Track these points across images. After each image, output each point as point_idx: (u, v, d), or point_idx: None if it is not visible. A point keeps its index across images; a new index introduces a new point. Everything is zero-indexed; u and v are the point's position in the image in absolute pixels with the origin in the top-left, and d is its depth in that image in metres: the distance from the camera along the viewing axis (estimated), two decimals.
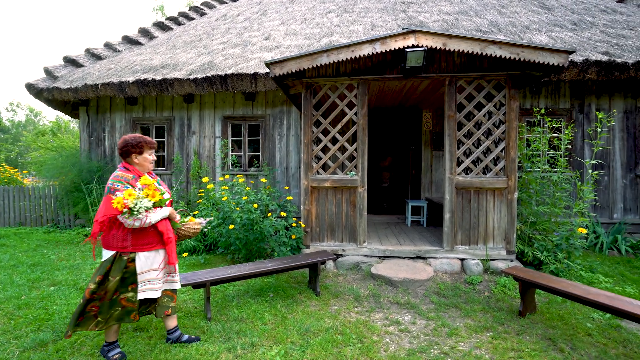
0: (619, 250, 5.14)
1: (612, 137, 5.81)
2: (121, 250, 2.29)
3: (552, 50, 3.69)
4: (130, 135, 2.42)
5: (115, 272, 2.27)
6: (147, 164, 2.46)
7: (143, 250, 2.32)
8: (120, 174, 2.32)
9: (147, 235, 2.33)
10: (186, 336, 2.68)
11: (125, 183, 2.28)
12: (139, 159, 2.42)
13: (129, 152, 2.38)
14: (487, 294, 3.61)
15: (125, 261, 2.29)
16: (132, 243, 2.30)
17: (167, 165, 6.84)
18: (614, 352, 2.56)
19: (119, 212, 2.14)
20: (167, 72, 6.39)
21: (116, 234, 2.28)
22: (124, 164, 2.42)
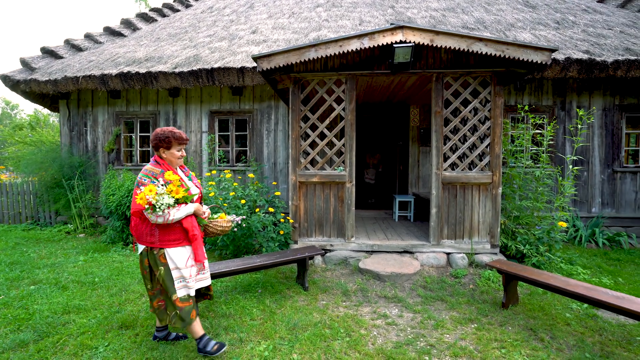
0: (597, 243, 5.34)
1: (592, 133, 5.99)
2: (150, 245, 2.27)
3: (536, 48, 3.76)
4: (162, 129, 2.36)
5: (154, 267, 2.29)
6: (175, 159, 2.38)
7: (170, 246, 2.27)
8: (149, 167, 2.30)
9: (173, 231, 2.28)
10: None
11: (152, 177, 2.24)
12: (166, 153, 2.36)
13: (158, 146, 2.34)
14: (472, 287, 3.70)
15: (156, 256, 2.27)
16: (160, 239, 2.26)
17: None
18: (590, 340, 2.67)
19: (142, 207, 2.12)
20: (152, 65, 6.22)
21: (145, 228, 2.27)
22: (156, 157, 2.38)
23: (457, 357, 2.45)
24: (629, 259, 4.76)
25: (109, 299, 3.40)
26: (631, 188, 5.96)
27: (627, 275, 4.12)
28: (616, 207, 5.97)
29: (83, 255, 4.82)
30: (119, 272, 4.15)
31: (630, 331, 2.79)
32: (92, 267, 4.33)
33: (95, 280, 3.87)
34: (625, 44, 5.71)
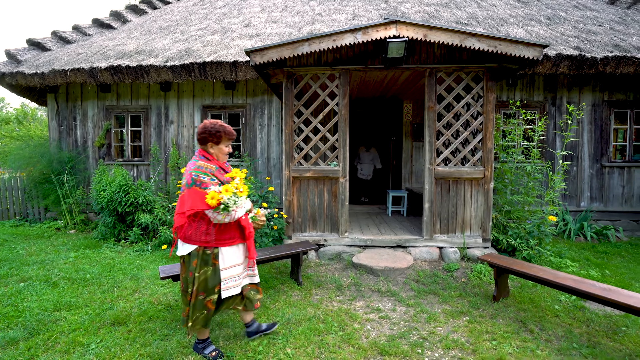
0: (585, 236, 5.45)
1: (581, 129, 6.08)
2: (204, 245, 2.16)
3: (528, 43, 3.79)
4: (211, 122, 2.24)
5: (200, 268, 2.17)
6: (222, 155, 2.28)
7: (225, 245, 2.20)
8: (202, 164, 2.16)
9: (229, 229, 2.21)
10: (265, 325, 2.60)
11: (211, 175, 2.13)
12: (214, 149, 2.25)
13: (206, 139, 2.22)
14: (464, 281, 3.75)
15: (209, 256, 2.18)
16: (216, 238, 2.17)
17: (144, 155, 6.61)
18: (578, 331, 2.73)
19: (211, 207, 2.02)
20: (143, 58, 6.11)
21: (198, 227, 2.15)
22: (203, 152, 2.26)
23: (449, 349, 2.49)
24: (615, 251, 4.87)
25: (100, 295, 3.36)
26: (619, 182, 6.08)
27: (614, 267, 4.22)
28: (604, 202, 6.09)
29: (74, 252, 4.76)
30: (111, 268, 4.11)
31: (616, 322, 2.87)
32: (83, 264, 4.27)
33: (87, 276, 3.82)
34: (615, 41, 5.79)
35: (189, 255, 2.19)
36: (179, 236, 2.21)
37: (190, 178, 2.09)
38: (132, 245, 5.08)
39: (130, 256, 4.60)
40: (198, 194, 2.05)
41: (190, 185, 2.08)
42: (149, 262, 4.37)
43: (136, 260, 4.42)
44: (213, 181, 2.11)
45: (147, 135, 6.59)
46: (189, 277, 2.20)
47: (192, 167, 2.14)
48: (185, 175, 2.16)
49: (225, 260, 2.22)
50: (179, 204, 2.13)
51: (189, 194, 2.08)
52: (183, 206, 2.09)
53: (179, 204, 2.13)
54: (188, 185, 2.09)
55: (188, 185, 2.09)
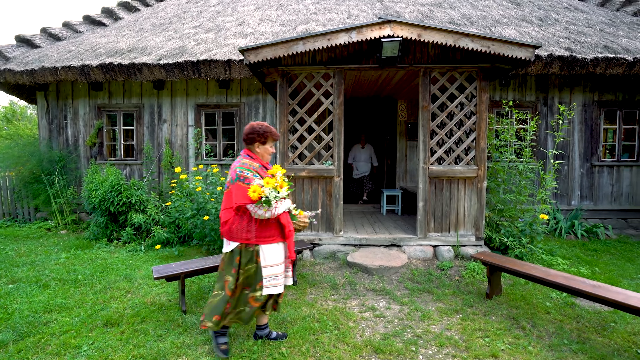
0: (576, 234, 5.54)
1: (572, 129, 6.18)
2: (245, 242, 2.23)
3: (520, 44, 3.83)
4: (258, 123, 2.34)
5: (244, 265, 2.23)
6: (267, 154, 2.38)
7: (266, 242, 2.25)
8: (247, 161, 2.26)
9: (269, 227, 2.26)
10: (274, 333, 2.58)
11: (254, 172, 2.21)
12: (260, 148, 2.35)
13: (254, 140, 2.32)
14: (458, 279, 3.78)
15: (251, 253, 2.23)
16: (256, 235, 2.23)
17: (137, 154, 6.54)
18: (568, 327, 2.78)
19: (252, 201, 2.08)
20: (135, 56, 6.04)
21: (240, 224, 2.22)
22: (248, 151, 2.36)
23: (442, 346, 2.51)
24: (605, 249, 4.96)
25: (93, 296, 3.32)
26: (608, 181, 6.19)
27: (603, 264, 4.30)
28: (594, 200, 6.19)
29: (65, 252, 4.69)
30: (103, 269, 4.06)
31: (605, 318, 2.92)
32: (74, 265, 4.22)
33: (78, 277, 3.77)
34: (604, 42, 5.88)
35: (232, 252, 2.26)
36: (223, 233, 2.29)
37: (234, 174, 2.19)
38: (124, 246, 5.03)
39: (123, 256, 4.56)
40: (241, 188, 2.13)
41: (234, 181, 2.17)
42: (142, 262, 4.33)
43: (129, 261, 4.37)
44: (255, 177, 2.18)
45: (139, 134, 6.51)
46: (232, 272, 2.25)
47: (237, 165, 2.24)
48: (230, 172, 2.26)
49: (267, 258, 2.26)
50: (224, 201, 2.27)
51: (233, 190, 2.18)
52: (227, 202, 2.22)
53: (224, 201, 2.27)
54: (232, 181, 2.19)
55: (232, 181, 2.19)
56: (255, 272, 2.25)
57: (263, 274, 2.25)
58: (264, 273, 2.25)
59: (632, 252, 4.82)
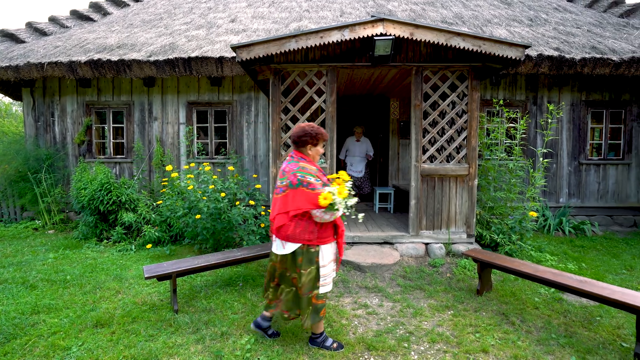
0: (564, 231, 5.65)
1: (561, 127, 6.29)
2: (307, 243, 2.25)
3: (511, 44, 3.88)
4: (308, 125, 2.36)
5: (306, 266, 2.25)
6: (317, 156, 2.42)
7: (324, 243, 2.30)
8: (305, 165, 2.28)
9: (327, 228, 2.31)
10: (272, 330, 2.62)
11: (316, 176, 2.25)
12: (312, 150, 2.37)
13: (306, 142, 2.33)
14: (449, 275, 3.83)
15: (313, 254, 2.26)
16: (318, 236, 2.26)
17: (127, 152, 6.44)
18: (556, 321, 2.84)
19: (321, 207, 2.12)
20: (125, 52, 5.94)
21: (304, 226, 2.23)
22: (300, 154, 2.37)
23: (434, 342, 2.54)
24: (591, 245, 5.07)
25: (82, 297, 3.27)
26: (595, 179, 6.32)
27: (590, 260, 4.40)
28: (581, 198, 6.32)
29: (53, 253, 4.60)
30: (93, 269, 4.00)
31: (591, 312, 2.99)
32: (63, 265, 4.14)
33: (67, 278, 3.71)
34: (592, 43, 5.99)
35: (294, 254, 2.27)
36: (280, 236, 2.29)
37: (296, 179, 2.20)
38: (115, 245, 4.96)
39: (113, 256, 4.49)
40: (305, 194, 2.16)
41: (296, 186, 2.19)
42: (133, 261, 4.28)
43: (119, 260, 4.31)
44: (318, 182, 2.21)
45: (129, 132, 6.41)
46: (294, 273, 2.29)
47: (294, 168, 2.24)
48: (287, 175, 2.25)
49: (324, 258, 2.32)
50: (282, 204, 2.24)
51: (294, 194, 2.19)
52: (287, 206, 2.21)
53: (282, 204, 2.24)
54: (293, 186, 2.20)
55: (293, 186, 2.20)
56: (316, 273, 2.29)
57: (320, 273, 2.30)
58: (321, 272, 2.30)
59: (617, 248, 4.94)
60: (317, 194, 2.15)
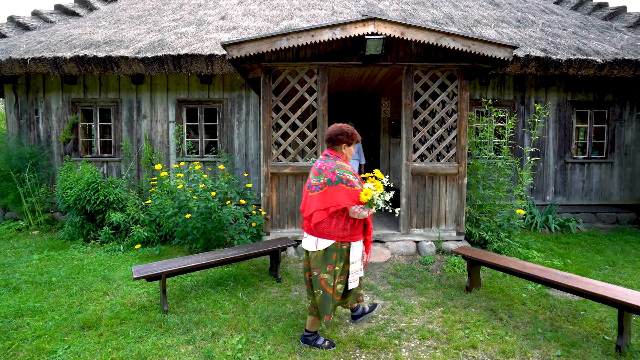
0: (550, 228, 5.78)
1: (547, 127, 6.42)
2: (340, 240, 2.32)
3: (499, 44, 3.94)
4: (345, 125, 2.45)
5: (337, 262, 2.33)
6: (350, 155, 2.50)
7: (355, 240, 2.37)
8: (342, 163, 2.34)
9: (359, 226, 2.39)
10: (367, 307, 2.80)
11: (353, 174, 2.32)
12: (346, 150, 2.45)
13: (342, 141, 2.40)
14: (439, 273, 3.88)
15: (345, 251, 2.34)
16: (350, 233, 2.33)
17: (115, 151, 6.32)
18: (542, 316, 2.90)
19: (361, 203, 2.20)
20: (112, 49, 5.81)
21: (337, 224, 2.29)
22: (334, 152, 2.43)
23: (425, 339, 2.57)
24: (576, 242, 5.20)
25: (68, 299, 3.20)
26: (579, 178, 6.48)
27: (575, 256, 4.51)
28: (567, 195, 6.47)
29: (37, 254, 4.49)
30: (80, 270, 3.92)
31: (575, 307, 3.07)
32: (48, 266, 4.04)
33: (52, 280, 3.62)
34: (577, 44, 6.13)
35: (327, 250, 2.32)
36: (315, 232, 2.33)
37: (335, 176, 2.25)
38: (102, 246, 4.86)
39: (100, 257, 4.41)
40: (345, 191, 2.23)
41: (336, 183, 2.25)
42: (121, 262, 4.21)
43: (107, 261, 4.24)
44: (355, 179, 2.30)
45: (117, 130, 6.29)
46: (328, 270, 2.33)
47: (332, 166, 2.31)
48: (324, 173, 2.30)
49: (354, 254, 2.38)
50: (320, 201, 2.27)
51: (333, 191, 2.24)
52: (326, 203, 2.26)
53: (320, 201, 2.27)
54: (333, 183, 2.25)
55: (333, 183, 2.25)
56: (345, 269, 2.38)
57: (350, 268, 2.38)
58: (350, 268, 2.38)
59: (601, 245, 5.08)
60: (357, 190, 2.23)
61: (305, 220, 2.42)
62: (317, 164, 2.39)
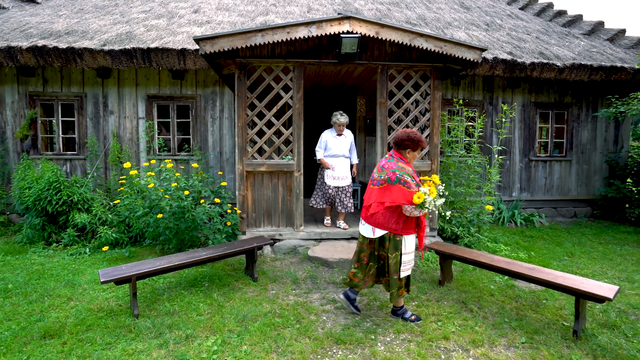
0: (516, 223, 6.10)
1: (513, 127, 6.75)
2: (394, 232, 2.60)
3: (469, 46, 4.09)
4: (413, 132, 2.65)
5: (392, 251, 2.62)
6: (413, 160, 2.73)
7: (407, 234, 2.64)
8: (403, 165, 2.60)
9: (411, 222, 2.64)
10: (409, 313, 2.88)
11: (411, 177, 2.57)
12: (410, 154, 2.68)
13: (407, 146, 2.64)
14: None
15: (398, 242, 2.61)
16: (402, 227, 2.61)
17: (80, 149, 5.97)
18: (509, 306, 3.06)
19: (414, 204, 2.44)
20: (75, 40, 5.48)
21: (391, 217, 2.59)
22: (399, 154, 2.68)
23: (399, 333, 2.64)
24: (539, 235, 5.52)
25: (27, 306, 3.00)
26: (542, 175, 6.88)
27: (538, 249, 4.79)
28: (531, 191, 6.85)
29: None
30: (40, 275, 3.68)
31: (538, 296, 3.26)
32: (3, 272, 3.76)
33: (9, 287, 3.37)
34: (540, 49, 6.48)
35: (382, 238, 2.67)
36: (371, 221, 2.66)
37: (395, 176, 2.54)
38: (66, 249, 4.58)
39: (64, 260, 4.16)
40: (401, 191, 2.50)
41: (394, 182, 2.53)
42: (87, 266, 3.99)
43: (71, 265, 4.00)
44: (412, 182, 2.55)
45: (82, 126, 5.95)
46: (382, 252, 2.69)
47: (393, 167, 2.59)
48: (386, 171, 2.59)
49: (406, 247, 2.65)
50: (379, 195, 2.60)
51: (391, 189, 2.54)
52: (383, 197, 2.58)
53: (379, 195, 2.60)
54: (392, 182, 2.54)
55: (392, 182, 2.54)
56: (399, 259, 2.63)
57: (402, 259, 2.63)
58: (403, 259, 2.63)
59: (561, 237, 5.42)
60: (412, 192, 2.47)
61: (364, 209, 2.74)
62: (382, 162, 2.71)
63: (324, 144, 4.68)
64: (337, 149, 4.62)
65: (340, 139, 4.66)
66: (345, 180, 4.62)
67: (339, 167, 4.61)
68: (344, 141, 4.67)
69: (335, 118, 4.60)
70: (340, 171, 4.61)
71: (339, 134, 4.67)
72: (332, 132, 4.71)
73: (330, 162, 4.60)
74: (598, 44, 7.07)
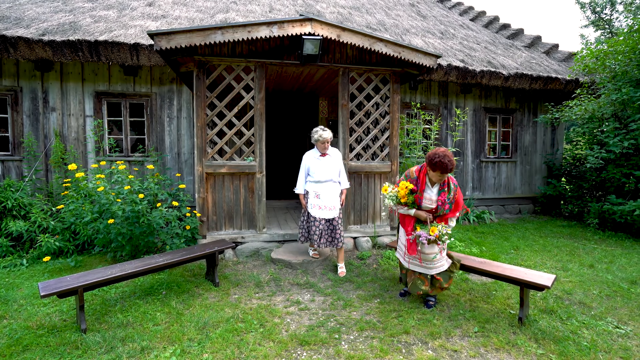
0: (469, 220, 6.51)
1: (466, 130, 7.21)
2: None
3: (425, 53, 4.29)
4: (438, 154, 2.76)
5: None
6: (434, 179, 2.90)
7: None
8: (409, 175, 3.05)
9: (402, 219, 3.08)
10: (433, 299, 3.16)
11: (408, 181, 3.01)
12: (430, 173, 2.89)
13: (428, 164, 2.84)
14: (375, 267, 4.09)
15: None
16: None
17: (14, 149, 5.38)
18: (463, 299, 3.26)
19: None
20: (6, 27, 4.93)
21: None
22: (423, 170, 2.98)
23: (363, 330, 2.69)
24: (489, 231, 5.95)
25: None
26: (492, 175, 7.42)
27: (488, 244, 5.15)
28: (482, 190, 7.36)
29: None
30: None
31: (489, 288, 3.51)
32: None
33: None
34: (488, 58, 6.99)
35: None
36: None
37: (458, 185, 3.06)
38: None
39: None
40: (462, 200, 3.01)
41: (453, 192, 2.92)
42: (25, 279, 3.61)
43: (4, 279, 3.60)
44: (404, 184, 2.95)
45: (17, 124, 5.37)
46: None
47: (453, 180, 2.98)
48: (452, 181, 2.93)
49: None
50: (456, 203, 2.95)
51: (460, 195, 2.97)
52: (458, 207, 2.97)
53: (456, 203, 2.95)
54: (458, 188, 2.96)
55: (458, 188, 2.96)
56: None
57: None
58: None
59: (508, 232, 5.88)
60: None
61: None
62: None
63: (305, 170, 3.81)
64: (322, 173, 3.71)
65: (325, 160, 3.74)
66: (333, 210, 3.73)
67: (326, 195, 3.71)
68: (330, 162, 3.76)
69: (317, 135, 3.68)
70: (328, 199, 3.71)
71: (322, 153, 3.76)
72: (315, 152, 3.81)
73: (315, 190, 3.74)
74: (537, 56, 7.78)
